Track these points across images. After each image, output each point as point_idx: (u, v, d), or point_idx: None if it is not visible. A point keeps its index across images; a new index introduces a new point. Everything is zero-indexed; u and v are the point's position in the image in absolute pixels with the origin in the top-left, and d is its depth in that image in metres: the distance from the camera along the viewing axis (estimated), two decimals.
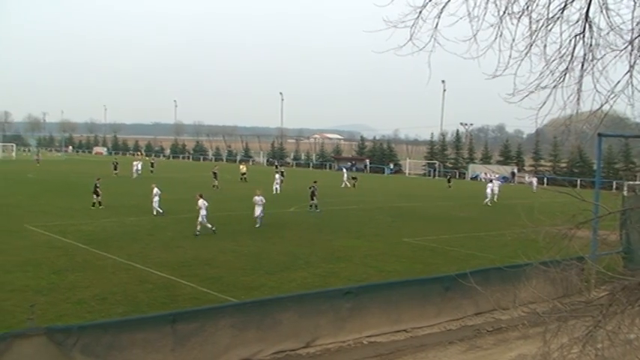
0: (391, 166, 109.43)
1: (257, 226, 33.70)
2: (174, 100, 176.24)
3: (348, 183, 68.46)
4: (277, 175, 58.97)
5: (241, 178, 70.72)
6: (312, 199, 43.12)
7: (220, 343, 13.92)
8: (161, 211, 37.46)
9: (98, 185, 41.21)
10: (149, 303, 18.42)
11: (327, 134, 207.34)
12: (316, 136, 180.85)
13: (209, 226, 30.98)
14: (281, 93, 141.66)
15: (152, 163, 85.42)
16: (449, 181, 77.07)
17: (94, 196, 40.94)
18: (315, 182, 44.91)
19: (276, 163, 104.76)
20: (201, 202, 31.29)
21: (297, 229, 34.19)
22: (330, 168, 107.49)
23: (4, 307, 17.62)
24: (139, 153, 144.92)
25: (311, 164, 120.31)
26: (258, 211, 34.14)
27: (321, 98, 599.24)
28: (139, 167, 77.56)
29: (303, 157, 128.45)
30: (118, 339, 12.66)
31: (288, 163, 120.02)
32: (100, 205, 40.58)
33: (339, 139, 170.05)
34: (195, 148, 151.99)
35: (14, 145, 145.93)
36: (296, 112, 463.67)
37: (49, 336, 12.01)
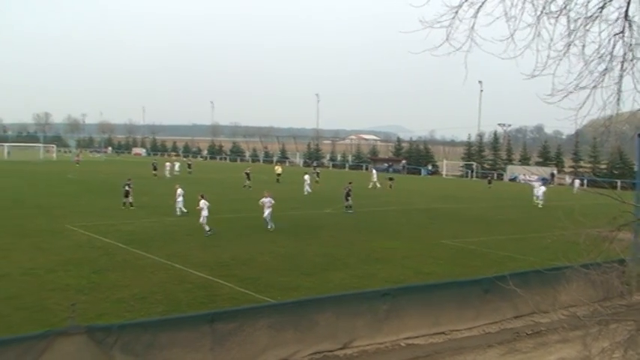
0: (428, 167, 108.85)
1: (269, 227, 32.80)
2: (211, 102, 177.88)
3: (378, 184, 68.23)
4: (307, 176, 58.84)
5: (277, 179, 71.00)
6: (347, 200, 43.10)
7: (258, 343, 13.98)
8: (185, 210, 37.66)
9: (130, 186, 41.87)
10: (188, 302, 18.58)
11: (363, 135, 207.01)
12: (352, 137, 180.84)
13: (206, 228, 31.03)
14: (317, 94, 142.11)
15: (189, 164, 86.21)
16: (489, 182, 76.48)
17: (125, 197, 41.60)
18: (350, 183, 44.91)
19: (313, 164, 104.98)
20: (202, 202, 31.55)
21: (334, 230, 34.20)
22: (367, 169, 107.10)
23: (46, 305, 17.93)
24: (174, 154, 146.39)
25: (347, 165, 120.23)
26: (266, 212, 33.39)
27: (358, 99, 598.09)
28: (177, 168, 78.44)
29: (339, 158, 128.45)
30: (157, 338, 12.79)
31: (324, 164, 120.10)
32: (132, 205, 41.18)
33: (376, 140, 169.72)
34: (232, 149, 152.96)
35: (54, 146, 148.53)
36: (332, 114, 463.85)
37: (90, 334, 12.17)
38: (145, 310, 17.69)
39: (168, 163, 78.54)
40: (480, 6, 7.85)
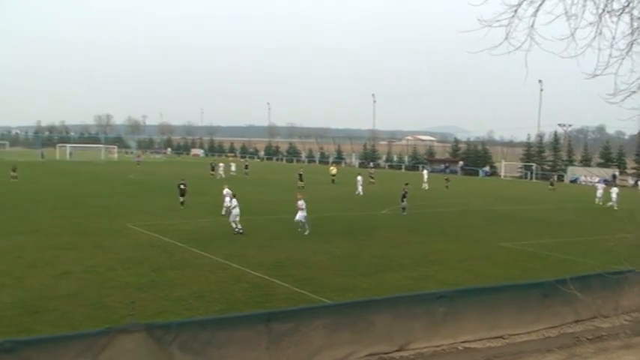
0: (486, 168, 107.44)
1: (300, 229, 31.87)
2: (268, 103, 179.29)
3: (426, 185, 67.74)
4: (359, 177, 58.74)
5: (332, 180, 71.15)
6: (402, 202, 42.87)
7: (314, 344, 14.00)
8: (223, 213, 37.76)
9: (185, 185, 42.64)
10: (245, 302, 18.73)
11: (420, 136, 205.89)
12: (409, 137, 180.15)
13: (236, 226, 31.44)
14: (373, 95, 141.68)
15: (246, 165, 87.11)
16: (551, 184, 75.08)
17: (181, 197, 42.31)
18: (406, 184, 44.65)
19: (370, 165, 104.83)
20: (229, 200, 32.04)
21: (390, 231, 34.05)
22: (428, 171, 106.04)
23: (106, 303, 18.31)
24: (232, 155, 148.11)
25: (403, 166, 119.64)
26: (299, 215, 32.19)
27: (414, 100, 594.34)
28: (233, 168, 79.40)
29: (395, 159, 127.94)
30: (215, 336, 12.91)
31: (380, 165, 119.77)
32: (182, 204, 41.91)
33: (432, 141, 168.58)
34: (289, 150, 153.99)
35: (116, 146, 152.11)
36: (388, 114, 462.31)
37: (149, 332, 12.35)
38: (202, 308, 17.90)
39: (221, 164, 79.45)
40: (540, 4, 7.74)
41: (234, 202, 32.00)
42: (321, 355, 14.02)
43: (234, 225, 31.40)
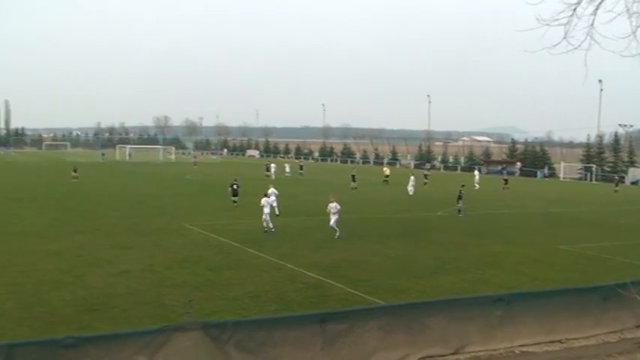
0: (545, 169, 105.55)
1: (336, 236, 30.48)
2: (323, 104, 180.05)
3: (477, 185, 66.99)
4: (412, 177, 58.36)
5: (384, 181, 70.96)
6: (458, 203, 42.47)
7: (368, 345, 13.97)
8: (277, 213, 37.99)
9: (237, 186, 43.38)
10: (300, 302, 18.81)
11: (476, 137, 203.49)
12: (465, 138, 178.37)
13: (264, 224, 31.84)
14: (428, 95, 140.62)
15: (301, 166, 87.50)
16: (616, 185, 73.40)
17: (233, 197, 43.01)
18: (462, 186, 44.23)
19: (427, 166, 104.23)
20: (264, 200, 32.14)
21: (445, 233, 33.74)
22: (479, 171, 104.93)
23: (164, 301, 18.61)
24: (287, 156, 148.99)
25: (459, 167, 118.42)
26: (333, 220, 31.08)
27: (470, 100, 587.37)
28: (287, 169, 79.88)
29: (451, 160, 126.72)
30: (270, 336, 12.99)
31: (435, 166, 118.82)
32: (235, 204, 42.57)
33: (489, 142, 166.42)
34: (343, 151, 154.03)
35: (173, 148, 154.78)
36: (444, 115, 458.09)
37: (206, 330, 12.50)
38: (257, 308, 18.04)
39: (272, 165, 79.97)
40: (600, 2, 7.59)
41: (268, 200, 32.30)
42: (375, 357, 13.98)
43: (268, 224, 31.79)
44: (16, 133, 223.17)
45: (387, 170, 75.26)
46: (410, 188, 56.17)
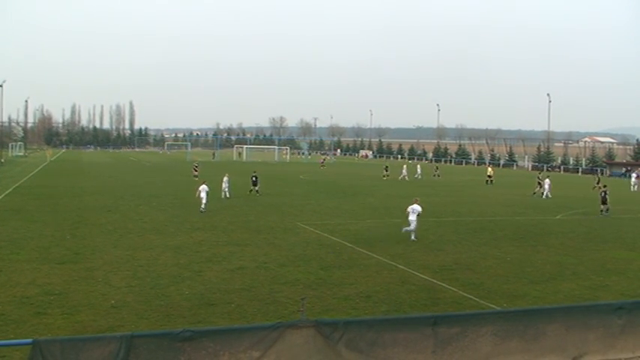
0: None
1: (412, 238, 29.66)
2: (437, 104, 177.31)
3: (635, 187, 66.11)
4: (547, 180, 56.56)
5: (487, 181, 69.61)
6: (605, 204, 42.53)
7: (481, 350, 13.68)
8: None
9: (255, 178, 44.14)
10: (411, 303, 18.68)
11: (598, 137, 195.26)
12: (586, 139, 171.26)
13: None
14: (548, 94, 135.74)
15: (437, 167, 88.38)
16: None
17: (253, 186, 43.42)
18: (605, 186, 44.16)
19: (546, 168, 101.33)
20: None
21: (563, 237, 32.51)
22: (602, 174, 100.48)
23: (277, 298, 18.95)
24: (412, 160, 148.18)
25: (580, 169, 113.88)
26: (412, 224, 29.88)
27: (592, 98, 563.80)
28: (419, 171, 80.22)
29: (571, 161, 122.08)
30: (381, 336, 12.96)
31: (554, 168, 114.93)
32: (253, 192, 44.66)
33: (612, 143, 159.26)
34: (457, 152, 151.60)
35: (288, 148, 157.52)
36: (565, 115, 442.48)
37: (318, 328, 12.61)
38: (369, 308, 18.06)
39: (404, 165, 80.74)
40: None
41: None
42: None
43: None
44: (140, 134, 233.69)
45: (490, 170, 73.68)
46: (546, 193, 54.60)
